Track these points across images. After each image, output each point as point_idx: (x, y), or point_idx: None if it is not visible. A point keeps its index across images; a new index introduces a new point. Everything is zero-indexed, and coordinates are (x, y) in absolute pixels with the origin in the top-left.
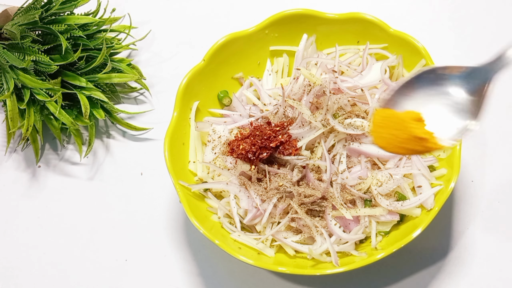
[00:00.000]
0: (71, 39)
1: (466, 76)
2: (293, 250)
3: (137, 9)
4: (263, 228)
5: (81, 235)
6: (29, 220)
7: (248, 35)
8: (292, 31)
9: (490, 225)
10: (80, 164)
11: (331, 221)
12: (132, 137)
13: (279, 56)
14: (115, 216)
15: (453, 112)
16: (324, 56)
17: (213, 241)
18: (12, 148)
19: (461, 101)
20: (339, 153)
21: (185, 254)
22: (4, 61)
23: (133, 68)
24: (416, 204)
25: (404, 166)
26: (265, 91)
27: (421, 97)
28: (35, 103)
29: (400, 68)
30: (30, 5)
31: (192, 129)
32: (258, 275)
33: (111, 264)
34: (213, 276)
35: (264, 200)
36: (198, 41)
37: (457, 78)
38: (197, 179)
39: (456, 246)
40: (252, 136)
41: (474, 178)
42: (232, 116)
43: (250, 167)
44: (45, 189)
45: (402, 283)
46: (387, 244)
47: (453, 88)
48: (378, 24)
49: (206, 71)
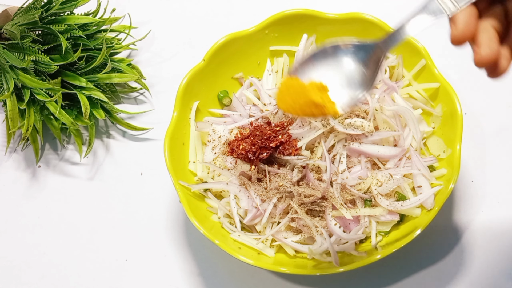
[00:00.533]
0: (71, 39)
1: (359, 48)
2: (293, 250)
3: (137, 9)
4: (263, 228)
5: (81, 235)
6: (29, 220)
7: (248, 35)
8: (292, 31)
9: (490, 225)
10: (80, 164)
11: (331, 221)
12: (132, 137)
13: (279, 56)
14: (115, 216)
15: (348, 82)
16: None
17: (213, 241)
18: (12, 148)
19: (356, 73)
20: (339, 153)
21: (185, 254)
22: (4, 61)
23: (133, 68)
24: (416, 204)
25: (404, 166)
26: (265, 91)
27: (324, 68)
28: (35, 103)
29: (400, 68)
30: (30, 5)
31: (192, 129)
32: (258, 275)
33: (111, 264)
34: (213, 276)
35: (264, 200)
36: (198, 41)
37: (352, 52)
38: (197, 179)
39: (456, 246)
40: (252, 136)
41: (474, 178)
42: (232, 116)
43: (250, 167)
44: (45, 189)
45: (402, 283)
46: (387, 244)
47: (348, 59)
48: (378, 24)
49: (206, 71)
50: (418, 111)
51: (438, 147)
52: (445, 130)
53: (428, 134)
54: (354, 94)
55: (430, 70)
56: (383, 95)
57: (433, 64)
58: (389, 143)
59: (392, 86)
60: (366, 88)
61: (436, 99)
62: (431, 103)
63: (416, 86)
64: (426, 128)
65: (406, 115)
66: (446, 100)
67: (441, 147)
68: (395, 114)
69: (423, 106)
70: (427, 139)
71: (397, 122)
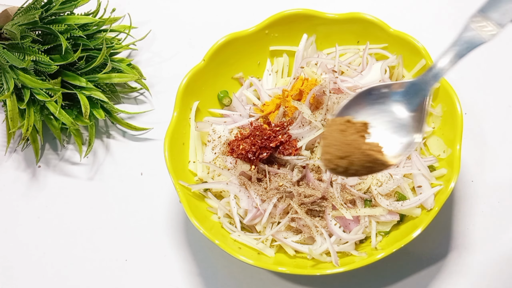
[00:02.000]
0: (71, 39)
1: (404, 93)
2: (293, 250)
3: (137, 9)
4: (263, 228)
5: (81, 235)
6: (29, 220)
7: (248, 35)
8: (292, 31)
9: (490, 225)
10: (80, 164)
11: (331, 221)
12: (132, 137)
13: (279, 56)
14: (115, 216)
15: (396, 129)
16: (324, 56)
17: (213, 241)
18: (12, 148)
19: (403, 117)
20: None
21: (185, 254)
22: (4, 61)
23: (133, 68)
24: (416, 204)
25: (404, 166)
26: (265, 91)
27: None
28: (35, 103)
29: (400, 68)
30: (30, 5)
31: (192, 129)
32: (258, 275)
33: (111, 264)
34: (213, 276)
35: (264, 200)
36: (198, 41)
37: (397, 95)
38: (197, 179)
39: (456, 246)
40: (252, 136)
41: (474, 178)
42: (232, 116)
43: (250, 167)
44: (45, 189)
45: (402, 283)
46: (387, 244)
47: (394, 105)
48: (378, 24)
49: (206, 71)
50: None
51: (438, 147)
52: (445, 130)
53: (428, 134)
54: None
55: None
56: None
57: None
58: None
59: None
60: (418, 132)
61: (436, 99)
62: (431, 103)
63: None
64: (426, 128)
65: None
66: (446, 100)
67: (441, 147)
68: None
69: None
70: (427, 139)
71: None
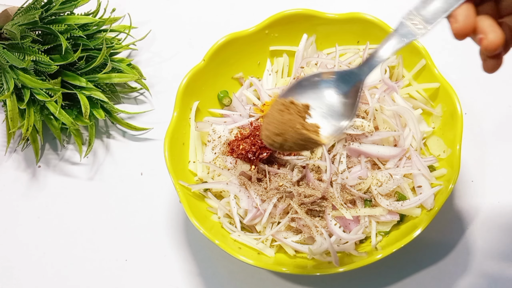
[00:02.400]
0: (71, 39)
1: (343, 80)
2: (293, 250)
3: (137, 9)
4: (263, 228)
5: (81, 235)
6: (29, 220)
7: (248, 35)
8: (292, 31)
9: (490, 225)
10: (80, 164)
11: (331, 221)
12: (132, 137)
13: (279, 56)
14: (115, 216)
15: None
16: (324, 56)
17: (213, 241)
18: (12, 148)
19: (340, 102)
20: (339, 153)
21: (185, 254)
22: (4, 61)
23: (133, 68)
24: (416, 204)
25: (404, 166)
26: (265, 91)
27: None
28: (35, 103)
29: (400, 68)
30: (30, 5)
31: (192, 129)
32: (258, 275)
33: (111, 264)
34: (213, 276)
35: (264, 200)
36: (198, 41)
37: (337, 82)
38: (197, 179)
39: (456, 246)
40: (252, 136)
41: (474, 178)
42: (232, 116)
43: (250, 167)
44: (45, 189)
45: (402, 283)
46: (387, 244)
47: (334, 91)
48: (378, 24)
49: (206, 71)
50: (418, 111)
51: (438, 147)
52: (445, 130)
53: (428, 134)
54: (338, 124)
55: (430, 70)
56: (383, 95)
57: (433, 64)
58: (389, 143)
59: (392, 86)
60: (349, 118)
61: (436, 99)
62: (431, 103)
63: (416, 86)
64: (426, 128)
65: (406, 115)
66: (446, 100)
67: (441, 147)
68: (395, 114)
69: (423, 106)
70: (427, 139)
71: (397, 122)
